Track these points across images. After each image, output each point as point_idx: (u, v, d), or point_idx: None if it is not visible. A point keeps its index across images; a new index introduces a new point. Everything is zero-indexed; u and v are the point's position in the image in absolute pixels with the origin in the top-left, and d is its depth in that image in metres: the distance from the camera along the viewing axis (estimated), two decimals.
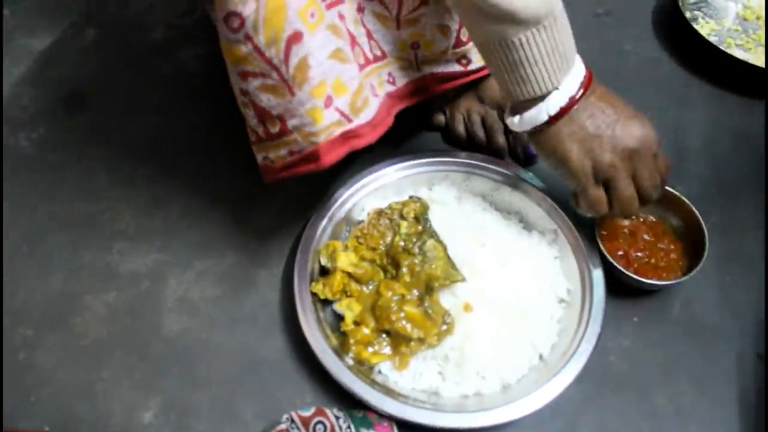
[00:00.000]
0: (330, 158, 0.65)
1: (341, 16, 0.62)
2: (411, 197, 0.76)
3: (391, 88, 0.73)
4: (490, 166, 0.79)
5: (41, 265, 0.78)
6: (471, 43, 0.76)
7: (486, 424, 0.61)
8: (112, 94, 0.97)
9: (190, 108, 0.94)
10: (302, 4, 0.56)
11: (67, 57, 1.02)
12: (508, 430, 0.65)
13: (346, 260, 0.70)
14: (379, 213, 0.74)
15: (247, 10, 0.54)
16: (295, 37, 0.57)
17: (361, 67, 0.67)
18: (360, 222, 0.76)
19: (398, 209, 0.73)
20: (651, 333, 0.72)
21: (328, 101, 0.62)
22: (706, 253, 0.70)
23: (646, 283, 0.70)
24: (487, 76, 0.82)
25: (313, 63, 0.59)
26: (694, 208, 0.74)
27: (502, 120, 0.84)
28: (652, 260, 0.73)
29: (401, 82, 0.74)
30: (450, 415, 0.62)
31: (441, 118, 0.88)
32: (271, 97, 0.60)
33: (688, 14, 1.02)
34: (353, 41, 0.65)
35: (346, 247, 0.72)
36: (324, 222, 0.74)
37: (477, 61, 0.78)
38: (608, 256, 0.71)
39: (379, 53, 0.70)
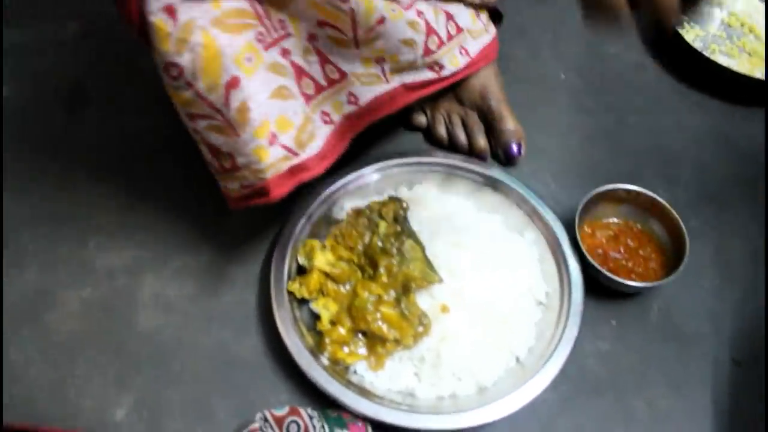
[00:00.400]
0: (279, 192, 0.66)
1: (285, 52, 0.62)
2: (390, 197, 0.76)
3: (351, 109, 0.71)
4: (471, 167, 0.79)
5: (15, 259, 0.76)
6: (441, 50, 0.75)
7: (461, 426, 0.61)
8: (93, 89, 0.96)
9: (172, 105, 0.93)
10: (238, 51, 0.57)
11: (48, 51, 1.01)
12: None
13: (323, 259, 0.70)
14: (358, 212, 0.74)
15: (184, 60, 0.55)
16: (233, 83, 0.58)
17: (310, 97, 0.66)
18: (339, 221, 0.75)
19: (377, 209, 0.73)
20: (629, 337, 0.72)
21: (273, 139, 0.63)
22: (685, 258, 0.70)
23: (618, 282, 0.70)
24: (464, 78, 0.82)
25: (253, 106, 0.60)
26: (675, 214, 0.73)
27: (482, 121, 0.83)
28: (630, 264, 0.73)
29: (367, 97, 0.72)
30: (425, 416, 0.62)
31: (422, 119, 0.87)
32: (219, 137, 0.62)
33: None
34: (300, 73, 0.65)
35: (323, 246, 0.72)
36: (303, 220, 0.73)
37: (450, 65, 0.77)
38: (585, 252, 0.71)
39: (336, 76, 0.68)
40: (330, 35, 0.65)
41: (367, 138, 0.83)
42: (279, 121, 0.63)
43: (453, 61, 0.77)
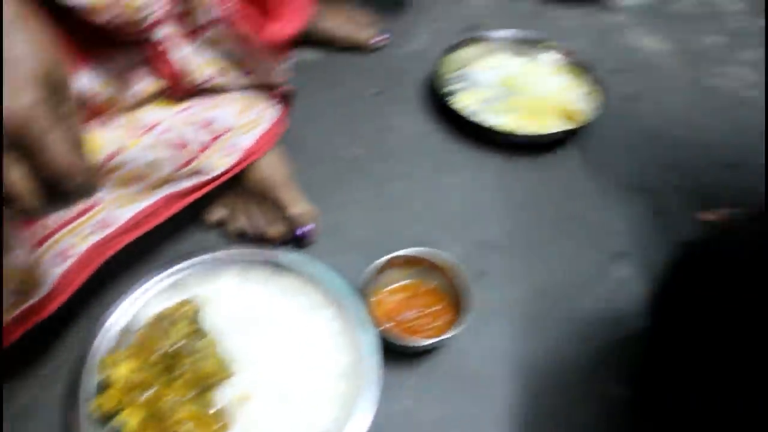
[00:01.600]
0: (12, 337, 0.67)
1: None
2: (185, 300, 0.77)
3: (102, 235, 0.72)
4: (268, 255, 0.82)
5: None
6: (200, 158, 0.77)
7: None
8: None
9: None
10: None
11: None
12: None
13: (125, 369, 0.70)
14: (158, 317, 0.75)
15: None
16: None
17: (42, 240, 0.67)
18: (139, 329, 0.76)
19: (171, 314, 0.74)
20: (430, 391, 0.77)
21: None
22: (467, 310, 0.76)
23: (406, 343, 0.75)
24: (245, 171, 0.84)
25: None
26: (459, 269, 0.80)
27: (274, 208, 0.87)
28: (423, 322, 0.79)
29: (125, 218, 0.73)
30: None
31: (218, 214, 0.90)
32: None
33: (450, 87, 1.13)
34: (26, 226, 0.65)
35: (127, 356, 0.72)
36: (100, 336, 0.74)
37: (215, 169, 0.79)
38: (375, 320, 0.76)
39: (80, 209, 0.70)
40: None
41: (166, 239, 0.85)
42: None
43: (218, 164, 0.80)
